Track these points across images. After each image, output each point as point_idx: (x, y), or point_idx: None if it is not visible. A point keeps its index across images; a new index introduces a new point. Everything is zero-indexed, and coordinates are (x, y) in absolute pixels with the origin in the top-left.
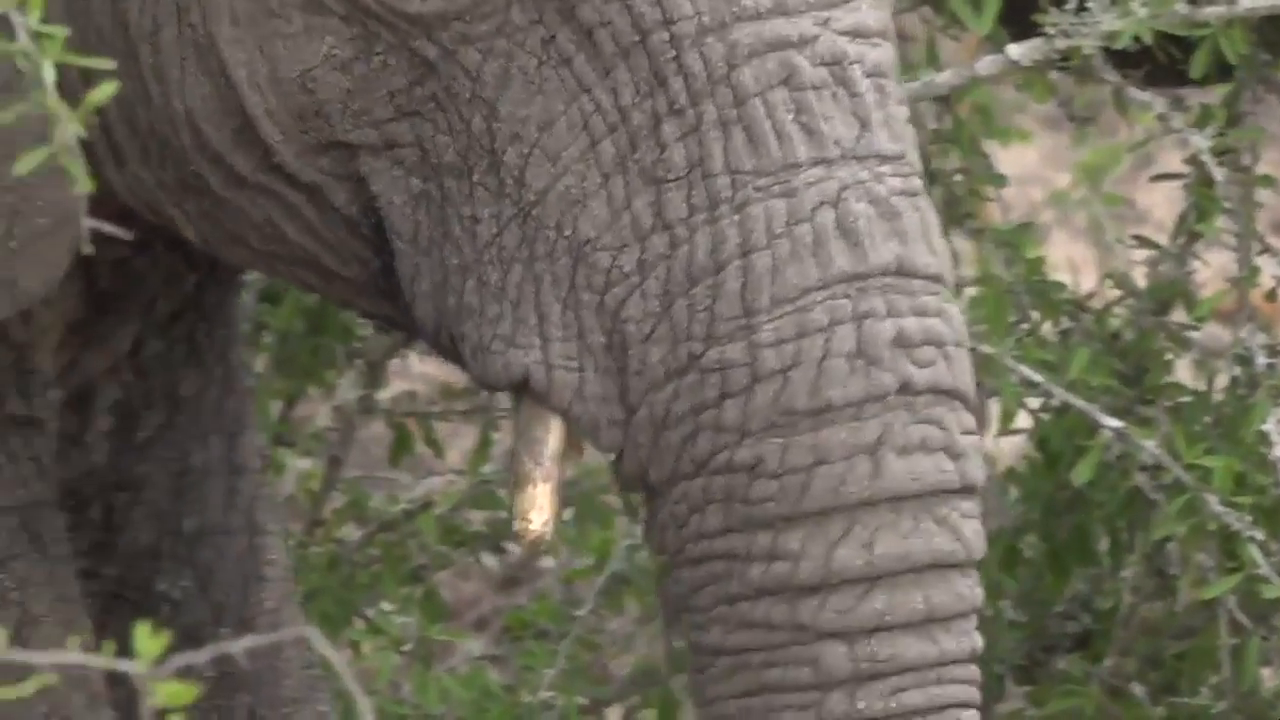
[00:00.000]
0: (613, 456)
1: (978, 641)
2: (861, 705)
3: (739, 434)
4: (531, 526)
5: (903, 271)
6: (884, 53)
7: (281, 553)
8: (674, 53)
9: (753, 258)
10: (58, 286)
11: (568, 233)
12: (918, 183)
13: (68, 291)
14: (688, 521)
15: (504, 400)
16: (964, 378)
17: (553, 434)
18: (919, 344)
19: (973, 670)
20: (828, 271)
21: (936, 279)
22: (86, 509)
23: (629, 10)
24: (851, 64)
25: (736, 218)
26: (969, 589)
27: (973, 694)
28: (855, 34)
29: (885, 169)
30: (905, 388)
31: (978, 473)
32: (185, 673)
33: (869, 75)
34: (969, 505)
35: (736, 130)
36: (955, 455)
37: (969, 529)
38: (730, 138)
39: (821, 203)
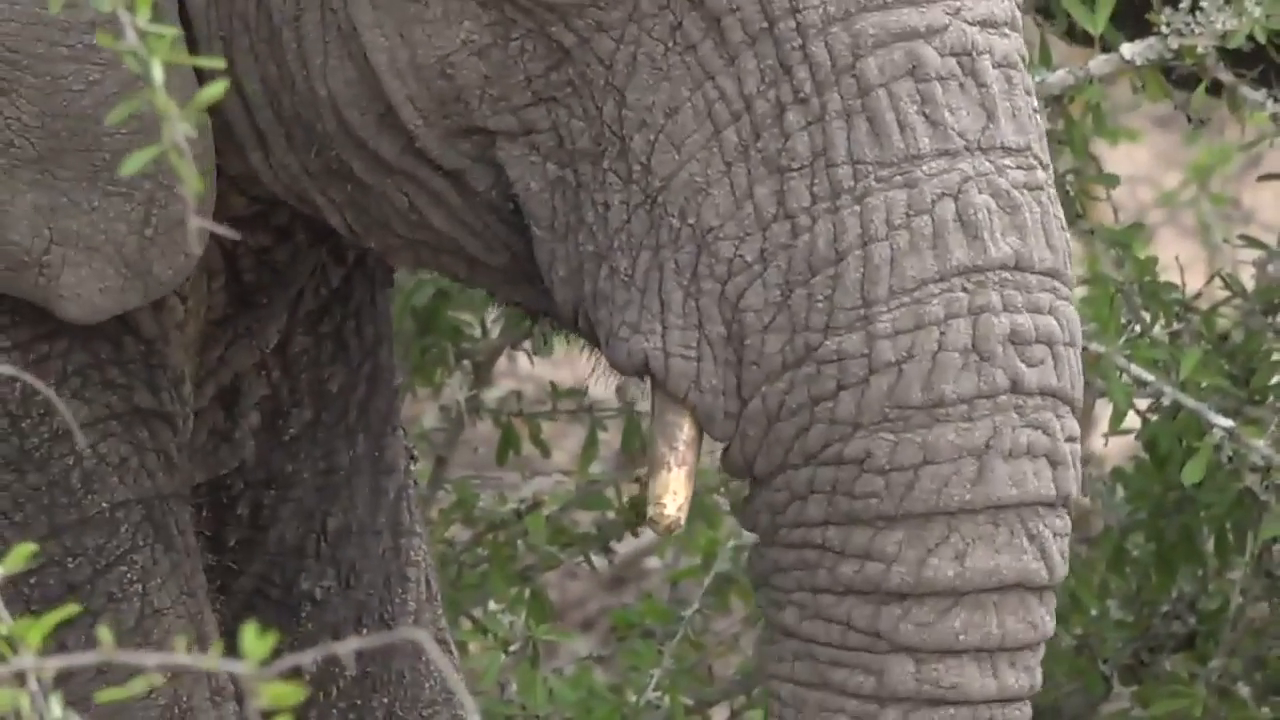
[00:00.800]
0: (723, 446)
1: (1037, 678)
2: None
3: (852, 427)
4: (666, 511)
5: (1020, 266)
6: (1013, 43)
7: (425, 553)
8: (800, 41)
9: (872, 248)
10: (190, 276)
11: (691, 220)
12: (1042, 175)
13: (212, 286)
14: (786, 509)
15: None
16: (1072, 379)
17: (687, 419)
18: (1031, 341)
19: (1025, 712)
20: (945, 264)
21: (1054, 274)
22: (234, 506)
23: None
24: (981, 55)
25: (857, 208)
26: (1043, 618)
27: None
28: (985, 24)
29: (1008, 161)
30: (1016, 386)
31: (1073, 484)
32: (322, 672)
33: (998, 66)
34: (1061, 522)
35: (860, 120)
36: (1056, 463)
37: (1057, 549)
38: (854, 128)
39: (942, 194)
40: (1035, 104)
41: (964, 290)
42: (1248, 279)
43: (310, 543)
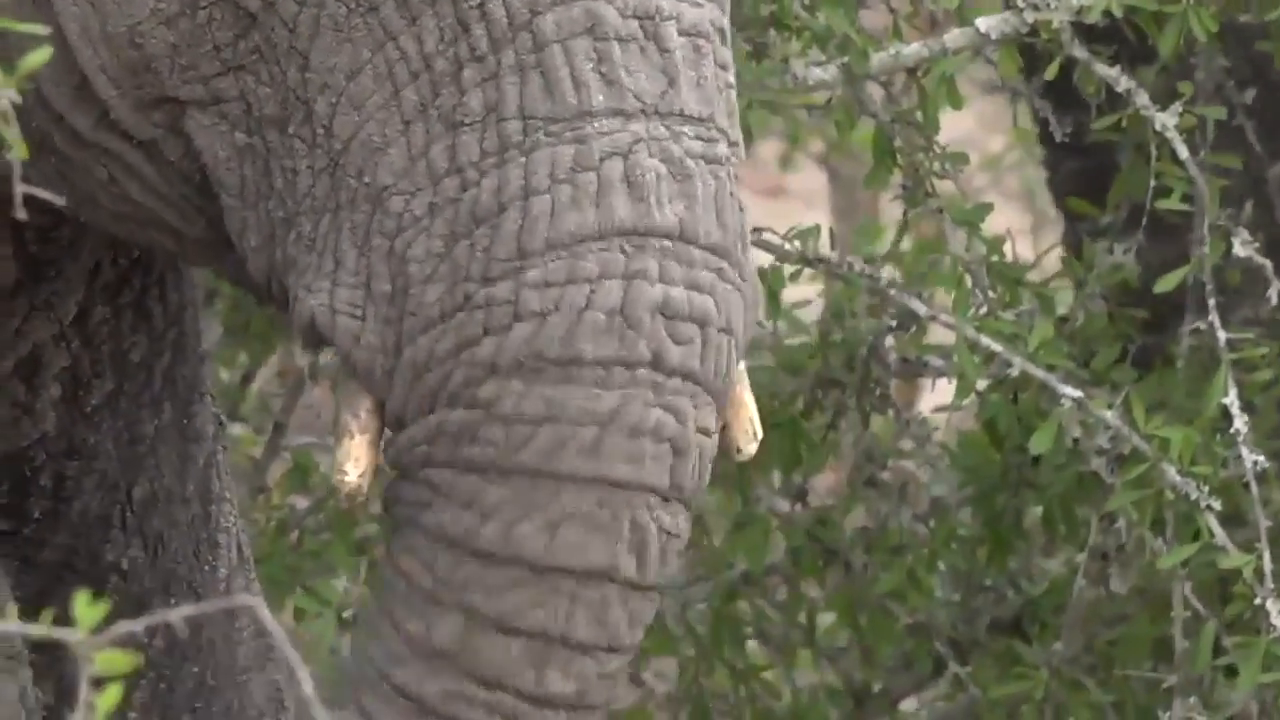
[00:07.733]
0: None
1: (593, 694)
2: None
3: (488, 370)
4: (348, 479)
5: (685, 237)
6: (705, 13)
7: (236, 519)
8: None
9: (532, 200)
10: None
11: (368, 180)
12: (723, 150)
13: None
14: (417, 447)
15: None
16: (718, 368)
17: None
18: (683, 318)
19: None
20: (606, 222)
21: (720, 253)
22: (37, 478)
23: None
24: (665, 20)
25: (523, 160)
26: (618, 626)
27: None
28: None
29: (686, 129)
30: (657, 361)
31: (692, 478)
32: (128, 642)
33: (684, 33)
34: (671, 519)
35: (533, 75)
36: (679, 450)
37: (657, 549)
38: (526, 83)
39: (611, 153)
40: (730, 79)
41: (622, 252)
42: None
43: (115, 513)
